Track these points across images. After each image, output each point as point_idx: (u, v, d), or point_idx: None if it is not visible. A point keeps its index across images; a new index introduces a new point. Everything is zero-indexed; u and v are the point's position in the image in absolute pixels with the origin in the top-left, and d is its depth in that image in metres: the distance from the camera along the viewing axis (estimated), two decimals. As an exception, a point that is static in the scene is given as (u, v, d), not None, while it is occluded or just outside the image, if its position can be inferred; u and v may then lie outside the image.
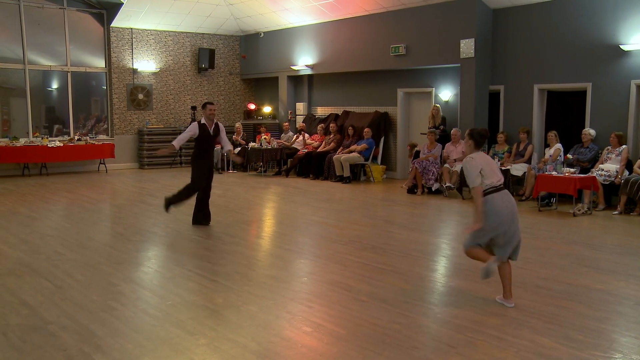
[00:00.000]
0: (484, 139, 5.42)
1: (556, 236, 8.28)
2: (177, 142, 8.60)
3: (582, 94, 11.38)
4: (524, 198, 11.18)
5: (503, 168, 11.05)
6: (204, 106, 8.74)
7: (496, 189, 5.19)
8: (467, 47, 12.30)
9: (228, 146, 9.07)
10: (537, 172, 10.86)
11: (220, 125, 8.86)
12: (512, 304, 5.25)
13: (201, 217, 8.91)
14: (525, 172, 11.39)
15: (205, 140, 8.62)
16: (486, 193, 5.16)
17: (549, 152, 11.06)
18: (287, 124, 16.64)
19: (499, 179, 5.24)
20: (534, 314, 5.07)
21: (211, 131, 8.64)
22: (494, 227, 5.13)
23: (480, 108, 12.50)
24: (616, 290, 5.78)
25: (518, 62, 12.18)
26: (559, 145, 10.97)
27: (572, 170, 9.93)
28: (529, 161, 11.55)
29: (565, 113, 12.29)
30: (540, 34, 11.76)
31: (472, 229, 5.19)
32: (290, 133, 16.35)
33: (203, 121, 8.65)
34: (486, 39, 12.41)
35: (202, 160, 8.68)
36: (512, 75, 12.31)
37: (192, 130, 8.59)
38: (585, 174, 10.14)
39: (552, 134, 11.10)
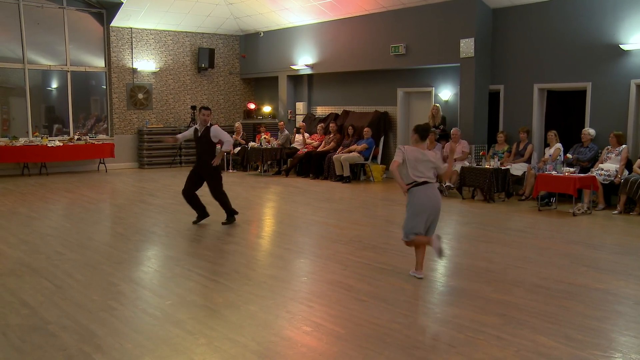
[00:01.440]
0: (426, 132, 6.14)
1: (556, 236, 8.29)
2: (181, 137, 9.35)
3: (582, 93, 11.38)
4: (523, 198, 11.19)
5: (503, 167, 11.05)
6: (199, 110, 9.04)
7: (418, 184, 6.00)
8: (466, 46, 12.31)
9: (225, 147, 9.03)
10: (537, 171, 10.86)
11: (214, 128, 8.93)
12: (422, 275, 6.13)
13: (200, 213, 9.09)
14: (525, 172, 11.40)
15: (196, 143, 9.06)
16: (411, 186, 6.03)
17: (549, 151, 11.06)
18: (281, 123, 16.59)
19: (421, 176, 6.02)
20: (533, 313, 5.07)
21: (199, 134, 8.88)
22: (420, 213, 6.02)
23: (480, 108, 12.51)
24: (616, 290, 5.79)
25: (518, 62, 12.19)
26: (558, 145, 10.98)
27: (571, 169, 9.94)
28: (528, 161, 11.56)
29: (565, 113, 12.30)
30: (540, 34, 11.77)
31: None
32: (287, 132, 16.31)
33: (197, 125, 9.02)
34: (486, 39, 12.41)
35: (195, 163, 9.16)
36: (511, 74, 12.32)
37: (189, 131, 9.25)
38: (585, 173, 10.14)
39: (551, 134, 11.10)
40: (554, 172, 10.07)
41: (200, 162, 8.98)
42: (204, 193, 9.08)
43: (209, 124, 8.89)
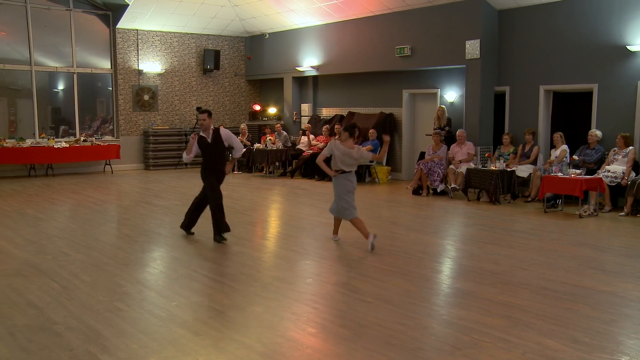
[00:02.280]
0: (354, 129, 7.68)
1: (562, 238, 8.26)
2: (194, 152, 8.38)
3: (589, 95, 11.35)
4: (529, 199, 11.16)
5: (509, 169, 11.03)
6: (198, 114, 8.43)
7: (344, 171, 7.57)
8: (472, 48, 12.29)
9: (237, 154, 8.64)
10: (543, 173, 10.83)
11: (224, 131, 8.40)
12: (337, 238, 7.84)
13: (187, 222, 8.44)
14: (530, 174, 11.37)
15: (206, 150, 8.32)
16: (340, 172, 7.57)
17: (555, 153, 11.04)
18: (278, 125, 16.55)
19: (345, 168, 7.56)
20: (540, 315, 5.06)
21: (209, 140, 8.26)
22: (350, 193, 7.58)
23: (485, 109, 12.49)
24: (623, 292, 5.76)
25: (524, 63, 12.16)
26: (564, 147, 10.95)
27: (578, 171, 9.91)
28: (534, 162, 11.53)
29: (571, 114, 12.26)
30: (546, 35, 11.74)
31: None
32: (285, 133, 16.23)
33: (201, 132, 8.35)
34: (492, 40, 12.40)
35: (212, 172, 8.34)
36: (517, 76, 12.29)
37: (193, 143, 8.37)
38: (592, 175, 10.11)
39: (557, 135, 11.07)
40: (560, 174, 10.05)
41: (216, 170, 8.34)
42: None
43: (212, 127, 8.34)
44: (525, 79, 12.16)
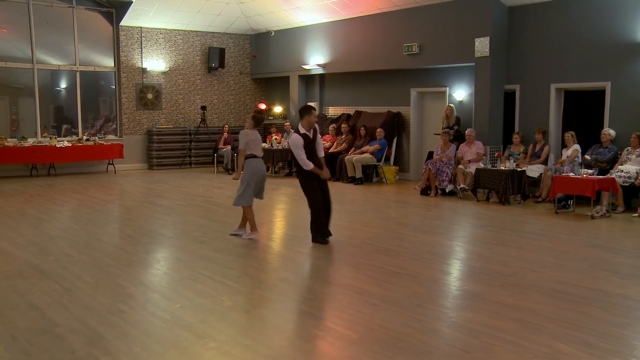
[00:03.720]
0: (260, 120, 8.52)
1: (574, 239, 8.22)
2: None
3: (601, 93, 11.28)
4: (540, 200, 11.11)
5: (519, 169, 10.98)
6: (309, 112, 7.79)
7: (256, 157, 8.06)
8: (481, 45, 12.25)
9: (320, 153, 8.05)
10: (554, 173, 10.79)
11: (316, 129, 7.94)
12: (245, 232, 8.23)
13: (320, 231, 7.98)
14: (541, 174, 11.32)
15: (309, 150, 7.76)
16: (249, 157, 8.02)
17: (566, 152, 10.99)
18: (287, 123, 16.59)
19: (260, 153, 8.16)
20: (551, 319, 5.02)
21: (311, 136, 7.77)
22: (253, 178, 8.01)
23: (495, 108, 12.44)
24: (637, 295, 5.72)
25: (534, 61, 12.11)
26: (576, 146, 10.90)
27: (590, 171, 9.85)
28: (545, 162, 11.48)
29: (583, 113, 12.20)
30: (557, 32, 11.69)
31: (236, 179, 8.35)
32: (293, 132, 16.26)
33: (303, 130, 7.75)
34: (501, 37, 12.35)
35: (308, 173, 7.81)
36: (528, 74, 12.24)
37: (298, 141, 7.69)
38: (604, 175, 10.05)
39: (569, 135, 11.02)
40: (571, 174, 10.00)
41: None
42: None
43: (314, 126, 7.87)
44: (535, 77, 12.11)
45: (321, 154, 7.97)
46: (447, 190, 12.08)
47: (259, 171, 8.13)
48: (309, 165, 7.69)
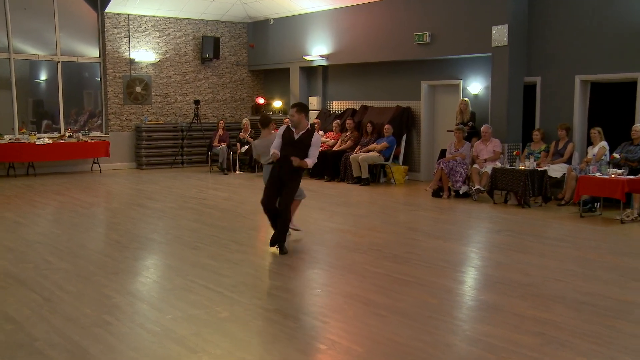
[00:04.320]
0: (268, 121, 9.03)
1: (601, 246, 8.20)
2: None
3: (632, 85, 11.25)
4: (563, 203, 11.09)
5: (540, 169, 10.96)
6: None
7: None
8: (499, 34, 12.23)
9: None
10: (579, 173, 10.76)
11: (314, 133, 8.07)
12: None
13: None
14: (564, 174, 11.30)
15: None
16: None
17: (592, 151, 10.96)
18: (287, 119, 16.51)
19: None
20: (576, 333, 5.01)
21: (296, 137, 7.88)
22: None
23: (513, 102, 12.42)
24: (669, 307, 5.71)
25: (557, 50, 12.08)
26: (603, 144, 10.87)
27: (619, 171, 9.82)
28: (569, 161, 11.46)
29: (611, 107, 12.17)
30: (583, 19, 11.66)
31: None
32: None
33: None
34: (521, 25, 12.33)
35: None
36: (550, 65, 12.22)
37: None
38: (635, 175, 10.01)
39: (595, 131, 10.99)
40: (598, 174, 9.97)
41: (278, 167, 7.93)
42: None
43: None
44: (558, 68, 12.09)
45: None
46: (461, 192, 12.07)
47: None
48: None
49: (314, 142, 7.86)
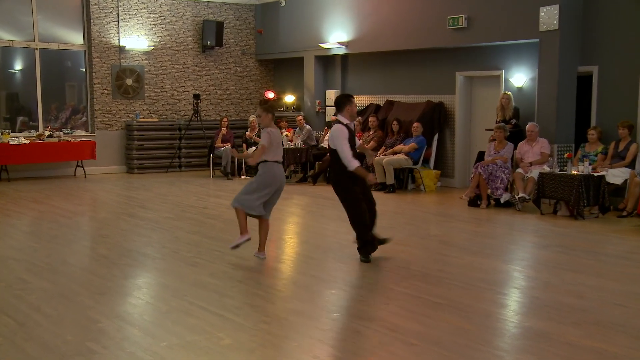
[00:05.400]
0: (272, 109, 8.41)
1: (670, 264, 8.14)
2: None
3: None
4: (624, 214, 10.99)
5: (596, 174, 10.89)
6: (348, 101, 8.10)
7: (278, 162, 8.04)
8: (548, 16, 12.18)
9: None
10: (643, 179, 10.69)
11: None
12: (264, 255, 8.18)
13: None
14: (626, 180, 11.21)
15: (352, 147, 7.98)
16: (269, 162, 7.94)
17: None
18: (300, 117, 16.60)
19: (280, 156, 8.14)
20: (638, 365, 4.97)
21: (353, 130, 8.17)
22: (269, 186, 7.95)
23: (565, 96, 12.36)
24: None
25: (618, 36, 12.00)
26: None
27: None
28: (631, 165, 11.38)
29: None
30: (646, -1, 11.61)
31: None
32: (308, 127, 16.28)
33: (345, 121, 8.03)
34: (575, 6, 12.27)
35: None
36: (609, 52, 12.14)
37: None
38: None
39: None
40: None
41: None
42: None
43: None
44: (619, 56, 12.02)
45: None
46: (502, 201, 12.01)
47: (278, 179, 8.07)
48: (354, 164, 7.79)
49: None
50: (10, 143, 15.28)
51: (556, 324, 5.89)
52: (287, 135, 15.80)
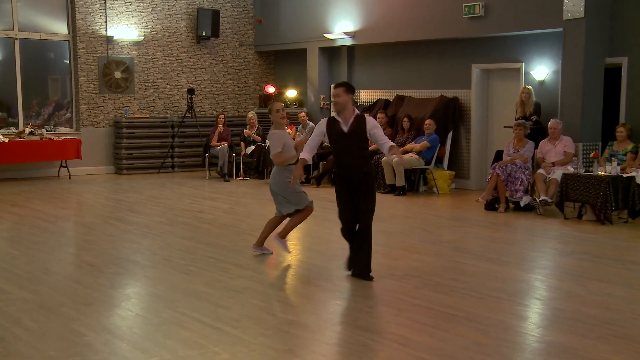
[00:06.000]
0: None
1: None
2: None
3: None
4: (656, 218, 11.01)
5: (625, 175, 10.87)
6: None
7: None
8: (573, 3, 12.17)
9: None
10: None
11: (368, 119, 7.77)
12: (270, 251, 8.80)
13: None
14: (658, 181, 11.21)
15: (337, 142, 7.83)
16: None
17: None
18: (303, 114, 16.61)
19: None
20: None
21: (346, 129, 7.63)
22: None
23: (590, 90, 12.35)
24: None
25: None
26: None
27: None
28: (663, 165, 11.38)
29: None
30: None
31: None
32: (312, 125, 16.27)
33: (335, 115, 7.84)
34: (601, -8, 12.30)
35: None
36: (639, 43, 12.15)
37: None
38: None
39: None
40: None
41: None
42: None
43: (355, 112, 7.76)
44: (649, 47, 12.04)
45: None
46: (521, 204, 12.00)
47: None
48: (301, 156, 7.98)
49: (374, 125, 7.67)
50: (-13, 141, 15.32)
51: (581, 338, 5.88)
52: (289, 133, 15.79)
